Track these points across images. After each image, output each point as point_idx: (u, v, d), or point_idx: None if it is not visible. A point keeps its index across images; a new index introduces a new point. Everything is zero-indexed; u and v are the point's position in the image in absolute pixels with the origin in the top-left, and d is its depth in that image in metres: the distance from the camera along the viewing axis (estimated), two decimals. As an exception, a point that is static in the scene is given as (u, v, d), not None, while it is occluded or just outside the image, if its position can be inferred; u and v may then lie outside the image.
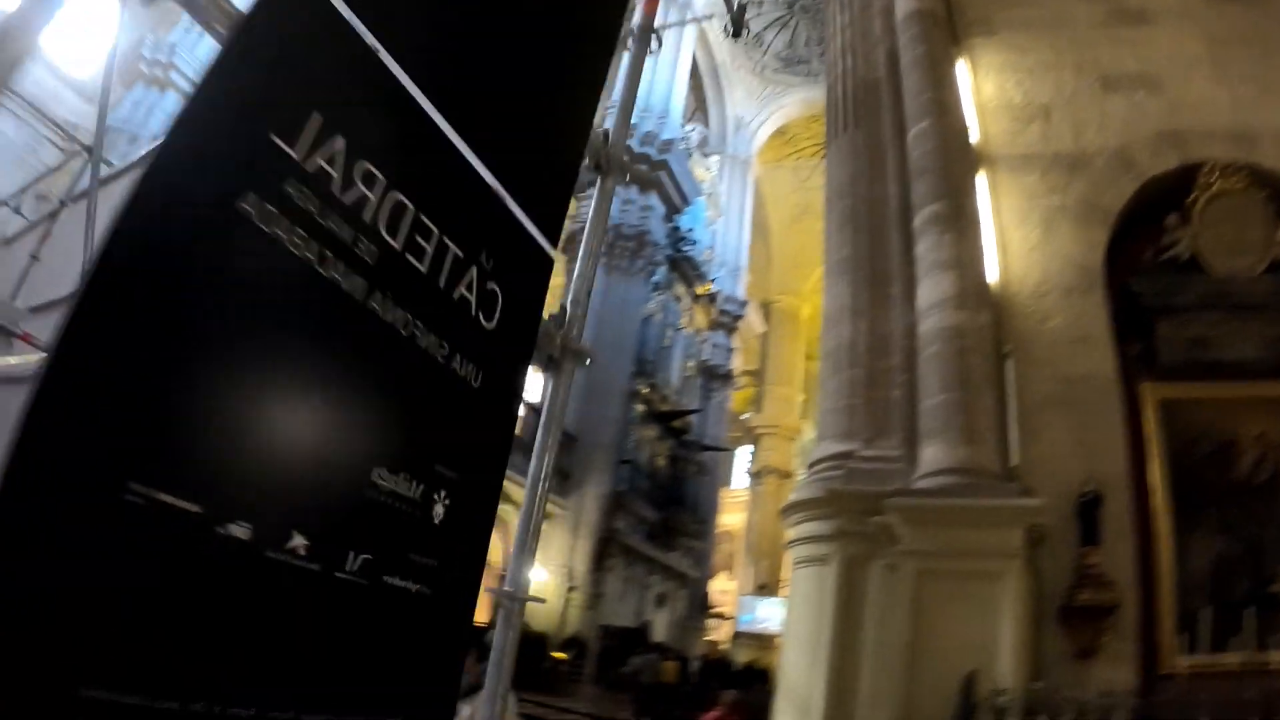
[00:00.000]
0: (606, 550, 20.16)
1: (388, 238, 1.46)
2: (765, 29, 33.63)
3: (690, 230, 26.81)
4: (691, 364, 27.19)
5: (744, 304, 31.20)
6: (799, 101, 35.08)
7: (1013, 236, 9.08)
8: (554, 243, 2.07)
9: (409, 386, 1.54)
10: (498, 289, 1.79)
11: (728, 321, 30.48)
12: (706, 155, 30.19)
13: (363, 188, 1.40)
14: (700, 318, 28.21)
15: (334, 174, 1.34)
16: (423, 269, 1.56)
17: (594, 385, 20.54)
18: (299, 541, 1.23)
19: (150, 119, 25.29)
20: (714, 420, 28.94)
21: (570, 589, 18.69)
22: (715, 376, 29.51)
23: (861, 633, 7.11)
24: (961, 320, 7.99)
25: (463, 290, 1.68)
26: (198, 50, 25.73)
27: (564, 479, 19.61)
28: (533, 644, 16.94)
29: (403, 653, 1.51)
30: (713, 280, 29.13)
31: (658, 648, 19.77)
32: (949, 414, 7.63)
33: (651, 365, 23.62)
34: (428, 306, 1.56)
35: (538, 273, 2.03)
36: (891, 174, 9.37)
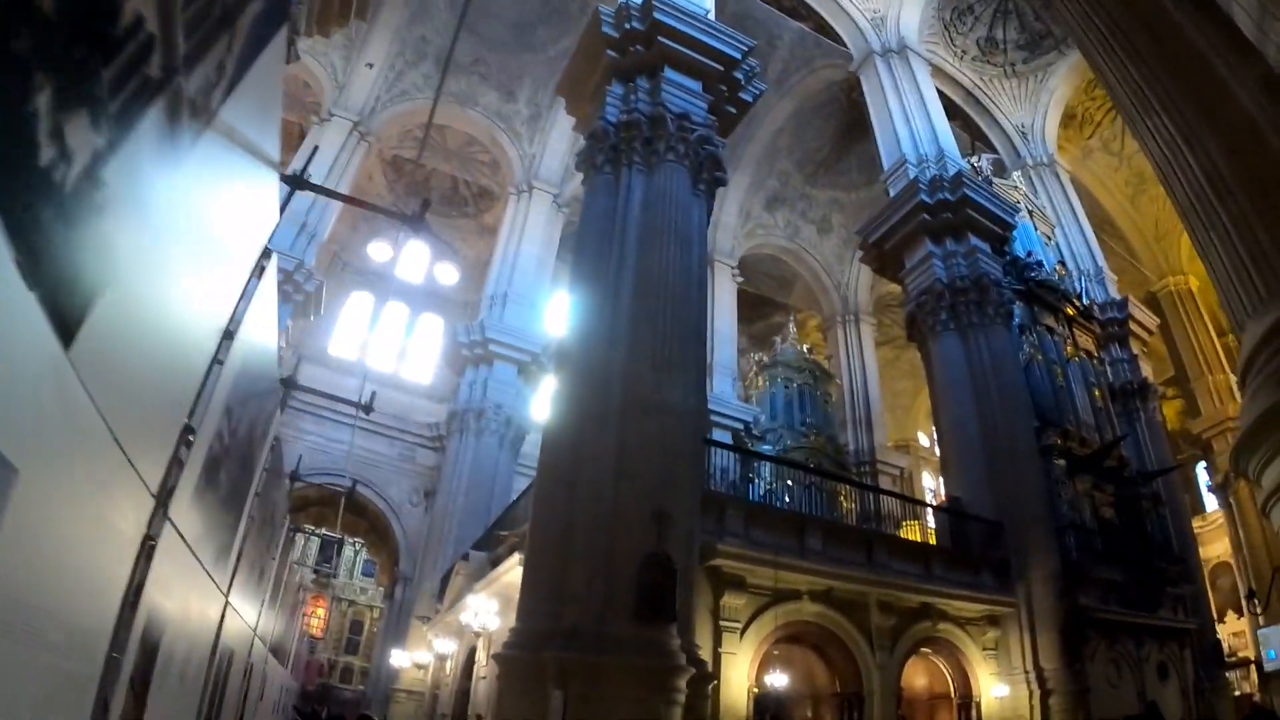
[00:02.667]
0: (1078, 635, 17.42)
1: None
2: (990, 28, 31.12)
3: (1030, 254, 24.19)
4: (1099, 392, 23.84)
5: (1123, 304, 27.19)
6: (1063, 75, 31.81)
7: None
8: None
9: None
10: None
11: (1116, 331, 26.68)
12: (1005, 178, 27.53)
13: None
14: (1084, 338, 24.91)
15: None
16: None
17: (999, 453, 18.53)
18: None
19: (488, 392, 27.49)
20: (1149, 443, 24.92)
21: (1046, 694, 16.21)
22: (1130, 395, 25.64)
23: None
24: None
25: None
26: (505, 319, 28.29)
27: (1000, 573, 17.46)
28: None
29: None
30: (1079, 295, 25.88)
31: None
32: None
33: (1054, 412, 20.94)
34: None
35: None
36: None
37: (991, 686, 16.10)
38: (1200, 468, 36.90)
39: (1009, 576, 17.32)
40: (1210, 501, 36.38)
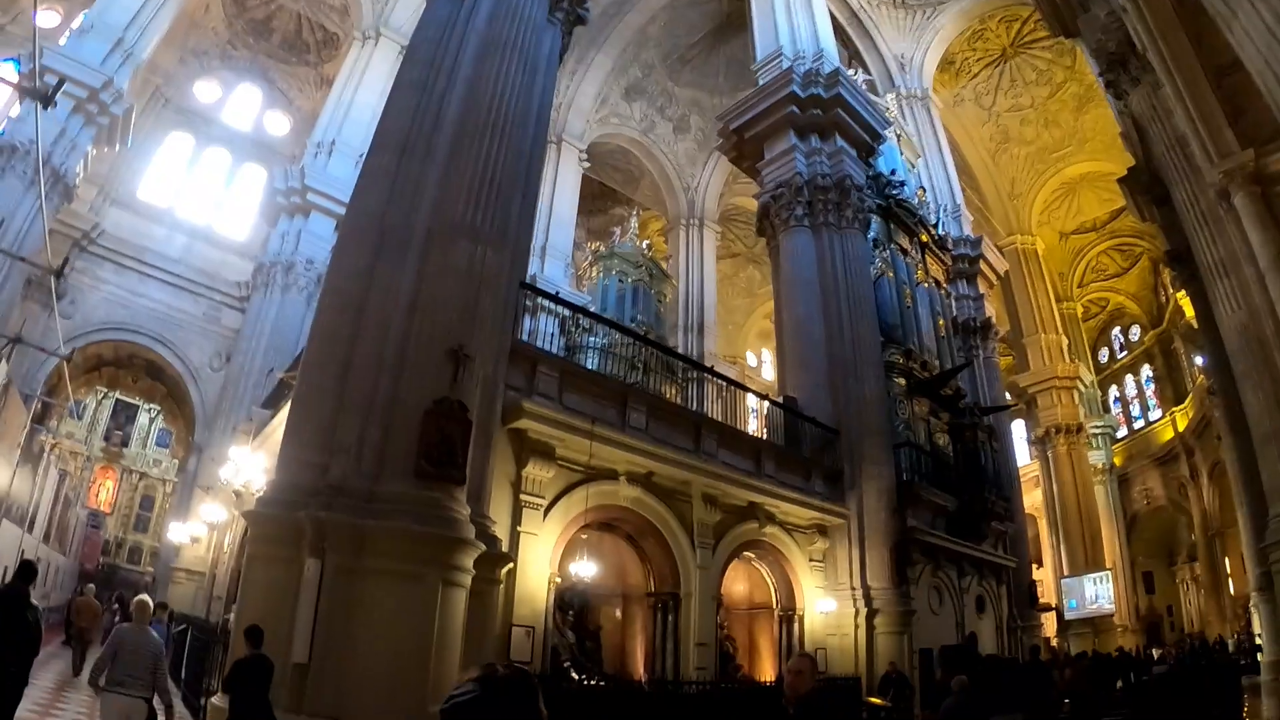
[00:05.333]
0: (906, 556, 16.29)
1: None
2: None
3: (893, 173, 22.91)
4: (942, 323, 22.94)
5: (977, 242, 26.57)
6: (953, 16, 31.20)
7: None
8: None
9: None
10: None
11: (966, 268, 26.03)
12: (879, 97, 26.27)
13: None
14: (935, 268, 23.99)
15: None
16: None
17: (843, 360, 17.09)
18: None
19: (300, 246, 25.13)
20: (985, 381, 24.38)
21: (872, 613, 14.97)
22: (972, 331, 25.02)
23: None
24: None
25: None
26: (329, 169, 25.79)
27: (833, 482, 16.04)
28: (841, 693, 13.43)
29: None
30: (935, 225, 24.97)
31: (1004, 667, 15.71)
32: None
33: (899, 330, 19.76)
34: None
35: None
36: None
37: (816, 600, 14.75)
38: (1017, 424, 37.65)
39: (841, 486, 16.04)
40: (1022, 456, 37.14)
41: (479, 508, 9.26)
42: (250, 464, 13.67)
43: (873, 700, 13.67)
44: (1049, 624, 27.75)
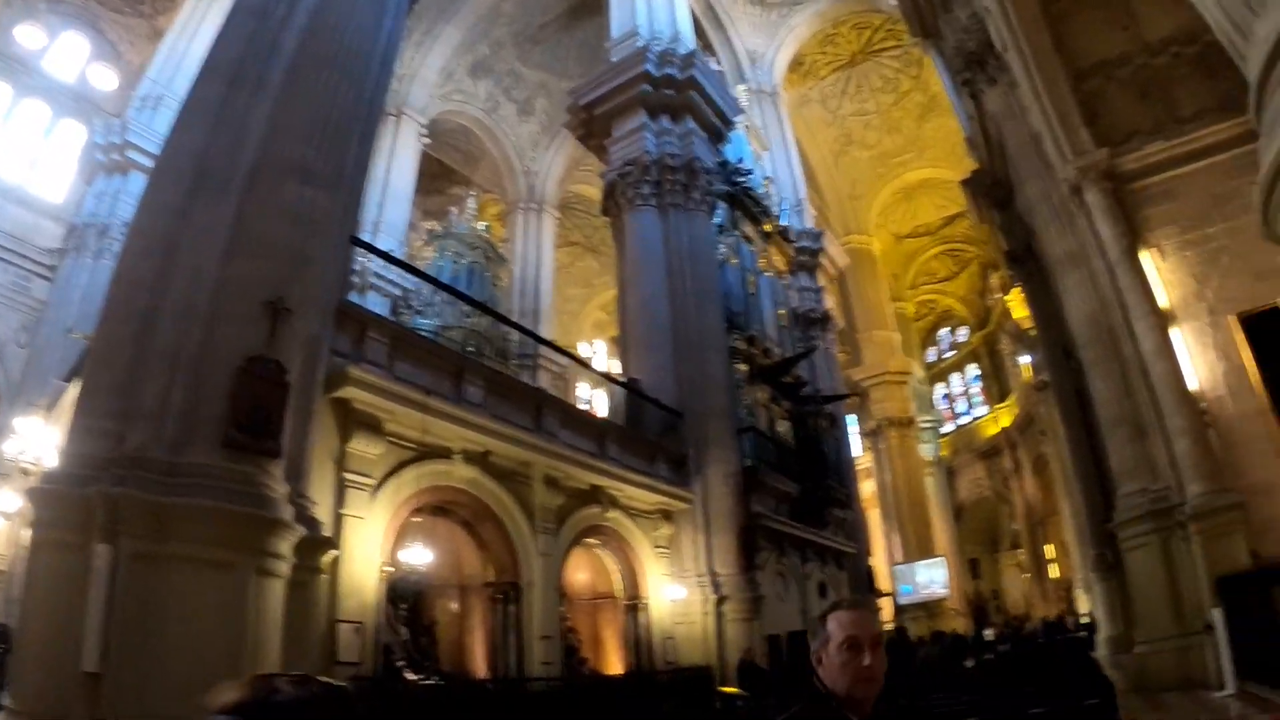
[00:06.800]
0: (753, 542, 15.99)
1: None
2: None
3: (740, 161, 22.86)
4: (783, 313, 23.02)
5: (819, 235, 27.01)
6: (808, 18, 31.88)
7: None
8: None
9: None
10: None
11: (807, 260, 26.40)
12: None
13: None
14: (778, 258, 24.10)
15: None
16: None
17: (688, 342, 16.64)
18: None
19: (118, 208, 22.68)
20: (823, 371, 24.67)
21: (721, 600, 14.55)
22: (812, 323, 25.34)
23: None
24: None
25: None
26: (154, 124, 23.34)
27: (677, 466, 15.53)
28: (692, 683, 12.94)
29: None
30: (779, 216, 25.14)
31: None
32: None
33: (742, 317, 19.58)
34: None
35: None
36: None
37: (663, 588, 14.15)
38: (849, 417, 38.88)
39: (686, 471, 15.55)
40: (856, 449, 38.37)
41: (298, 486, 8.03)
42: (41, 438, 11.85)
43: (725, 691, 13.21)
44: (885, 608, 28.50)
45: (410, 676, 9.82)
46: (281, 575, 7.34)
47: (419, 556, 10.67)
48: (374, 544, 9.52)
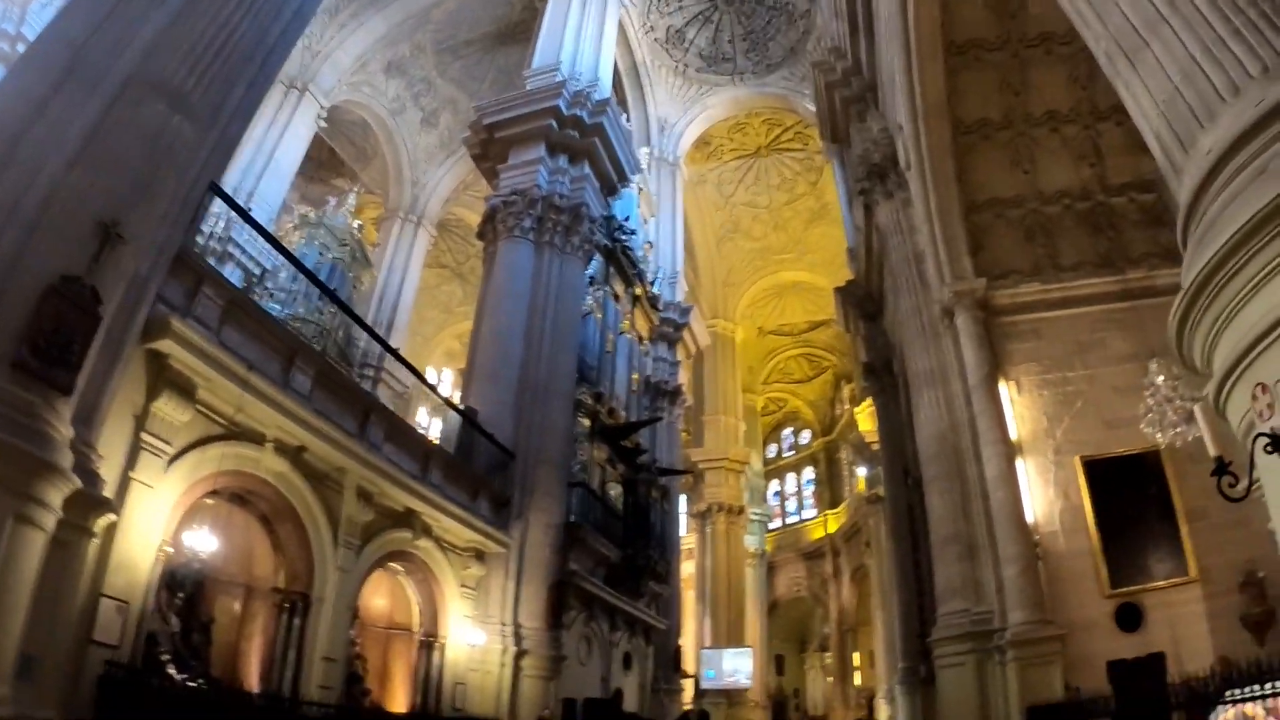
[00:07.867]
0: (563, 599, 15.40)
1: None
2: (686, 25, 31.19)
3: (627, 219, 22.92)
4: (636, 376, 22.91)
5: (687, 311, 27.28)
6: (724, 102, 33.01)
7: None
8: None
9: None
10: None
11: (670, 333, 26.53)
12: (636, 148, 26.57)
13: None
14: (641, 323, 24.09)
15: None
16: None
17: (535, 383, 16.18)
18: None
19: None
20: (665, 443, 24.60)
21: (521, 653, 13.85)
22: (662, 394, 25.32)
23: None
24: None
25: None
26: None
27: (500, 507, 14.86)
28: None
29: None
30: (652, 283, 25.26)
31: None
32: None
33: (595, 373, 19.31)
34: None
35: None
36: None
37: (463, 630, 13.29)
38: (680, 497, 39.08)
39: (508, 514, 14.91)
40: (681, 528, 38.50)
41: (85, 434, 6.93)
42: None
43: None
44: (687, 690, 28.18)
45: (173, 673, 8.64)
46: (44, 528, 6.19)
47: (205, 543, 9.46)
48: (158, 518, 8.31)
